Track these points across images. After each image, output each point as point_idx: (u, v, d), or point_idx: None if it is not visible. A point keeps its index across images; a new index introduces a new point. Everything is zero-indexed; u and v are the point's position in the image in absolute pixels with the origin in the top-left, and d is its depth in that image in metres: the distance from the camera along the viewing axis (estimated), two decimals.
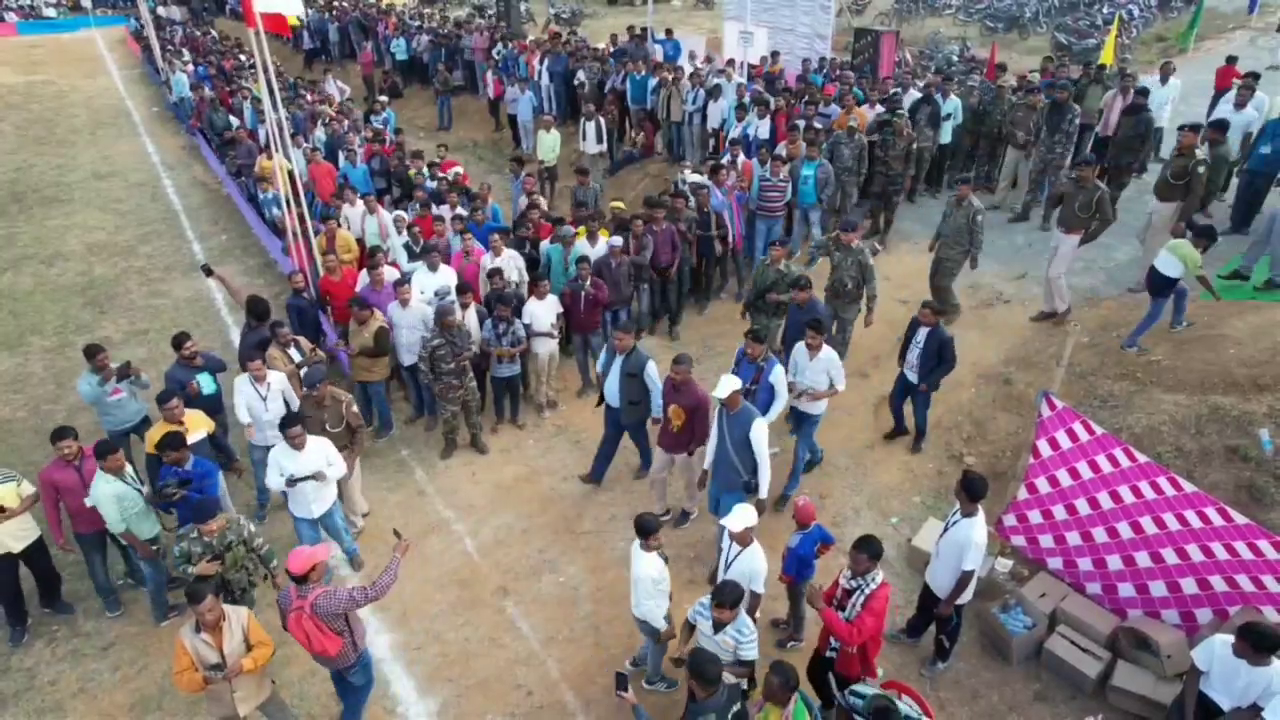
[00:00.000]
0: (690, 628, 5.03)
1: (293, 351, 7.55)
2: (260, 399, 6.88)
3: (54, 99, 23.99)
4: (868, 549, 4.81)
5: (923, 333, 7.15)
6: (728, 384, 5.83)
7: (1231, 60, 12.32)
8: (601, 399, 7.32)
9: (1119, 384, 7.38)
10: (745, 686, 4.83)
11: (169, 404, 6.49)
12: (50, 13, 37.21)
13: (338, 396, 6.78)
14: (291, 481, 6.03)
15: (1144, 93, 10.49)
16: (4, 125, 20.91)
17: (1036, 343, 8.34)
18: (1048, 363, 7.85)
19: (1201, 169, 8.20)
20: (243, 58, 22.43)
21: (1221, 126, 8.94)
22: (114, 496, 5.86)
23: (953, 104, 11.34)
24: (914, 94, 11.64)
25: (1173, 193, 8.39)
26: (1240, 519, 5.06)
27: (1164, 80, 11.25)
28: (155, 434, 6.48)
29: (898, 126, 10.19)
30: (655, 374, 6.90)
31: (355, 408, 6.91)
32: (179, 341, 7.32)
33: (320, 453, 6.19)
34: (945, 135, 11.47)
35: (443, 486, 7.84)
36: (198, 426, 6.70)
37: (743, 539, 5.18)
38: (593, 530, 7.24)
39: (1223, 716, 4.54)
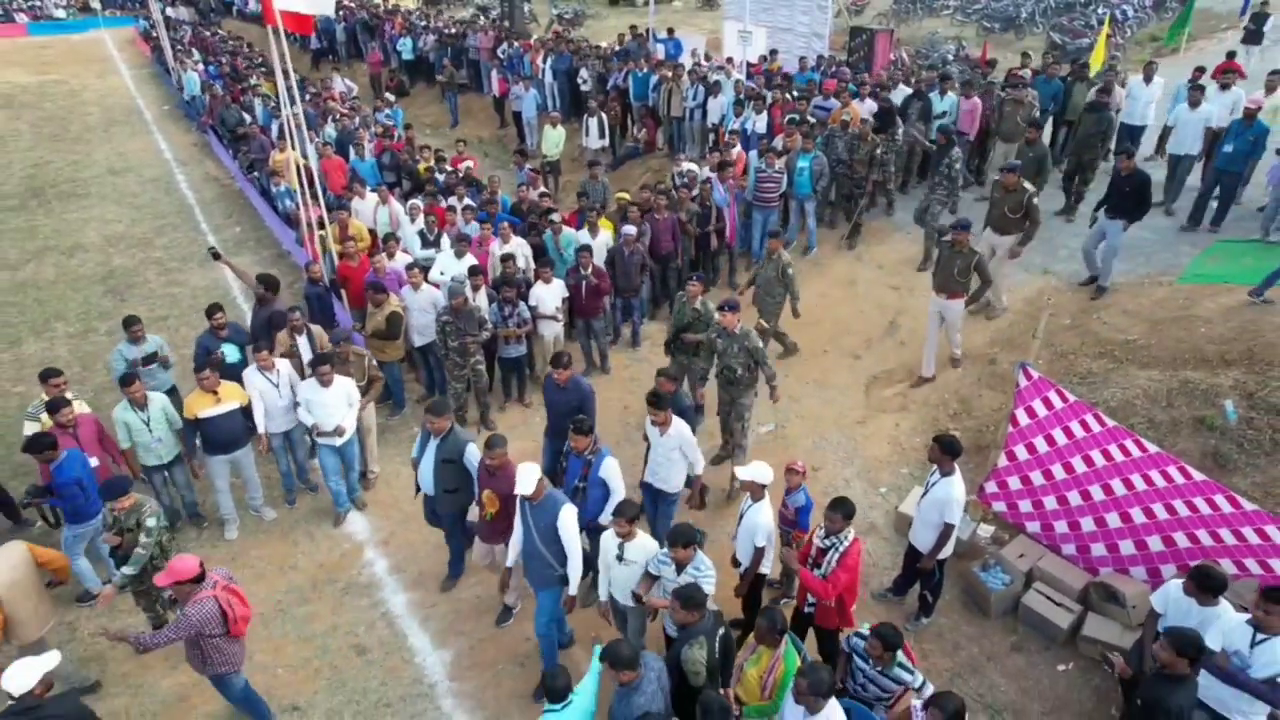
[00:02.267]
0: (652, 578, 5.30)
1: (302, 339, 7.87)
2: (273, 386, 7.27)
3: (66, 98, 24.43)
4: (841, 509, 5.23)
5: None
6: (529, 475, 5.23)
7: (1231, 55, 12.59)
8: (419, 488, 6.53)
9: (1097, 362, 7.77)
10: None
11: (202, 374, 6.94)
12: (59, 14, 37.73)
13: (359, 352, 7.43)
14: (320, 433, 6.92)
15: (1107, 90, 10.78)
16: (20, 124, 21.36)
17: (1021, 325, 8.71)
18: (1027, 338, 8.23)
19: (1036, 200, 8.56)
20: (252, 56, 22.94)
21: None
22: (124, 422, 6.78)
23: (949, 101, 11.66)
24: (905, 90, 12.04)
25: (1012, 226, 8.65)
26: (1198, 475, 5.45)
27: (1147, 80, 11.39)
28: (193, 402, 6.96)
29: (862, 131, 10.58)
30: (475, 458, 6.12)
31: (374, 361, 7.42)
32: (211, 311, 7.92)
33: (343, 390, 7.00)
34: (933, 131, 11.81)
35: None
36: (231, 397, 7.10)
37: (755, 493, 5.59)
38: None
39: None
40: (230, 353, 7.87)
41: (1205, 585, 4.67)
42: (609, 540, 5.39)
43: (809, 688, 4.07)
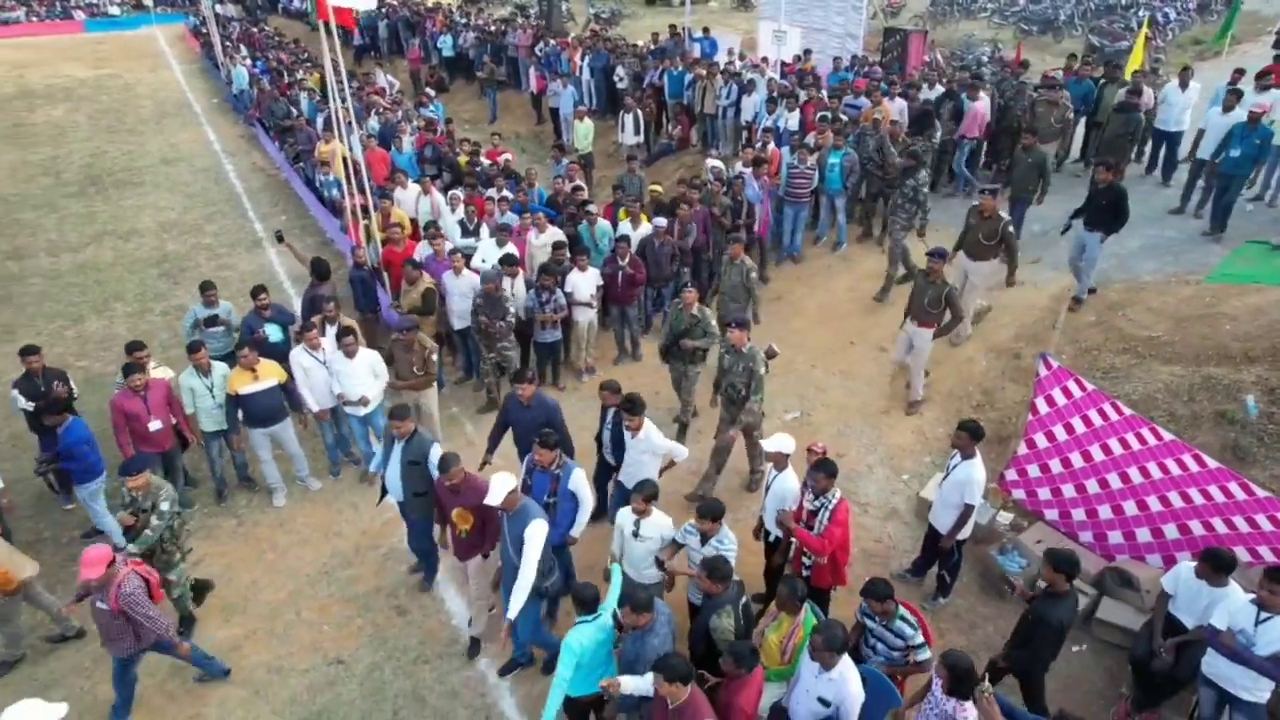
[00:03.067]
0: (678, 546, 5.59)
1: (329, 330, 8.05)
2: (319, 364, 7.65)
3: (121, 91, 25.33)
4: (825, 469, 5.51)
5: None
6: (501, 486, 5.17)
7: (1278, 59, 12.48)
8: (384, 493, 6.49)
9: (1120, 357, 7.89)
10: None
11: (243, 353, 7.37)
12: (114, 10, 38.98)
13: (423, 342, 7.71)
14: (346, 402, 7.42)
15: (1136, 91, 10.79)
16: (78, 115, 22.22)
17: (1046, 321, 8.83)
18: (1058, 340, 8.38)
19: (1011, 228, 8.54)
20: (297, 52, 23.60)
21: None
22: (189, 387, 7.26)
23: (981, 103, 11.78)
24: (939, 89, 12.17)
25: (987, 253, 8.55)
26: (1212, 463, 5.60)
27: (1183, 85, 11.11)
28: (234, 379, 7.37)
29: (893, 131, 10.72)
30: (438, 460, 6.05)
31: (435, 355, 7.82)
32: (256, 292, 8.34)
33: (367, 362, 7.42)
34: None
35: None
36: (269, 374, 7.49)
37: (779, 462, 5.84)
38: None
39: (1186, 633, 5.08)
40: (273, 333, 8.24)
41: (1218, 566, 4.83)
42: (625, 516, 5.65)
43: (824, 643, 4.32)
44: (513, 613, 5.18)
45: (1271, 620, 4.53)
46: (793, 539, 5.72)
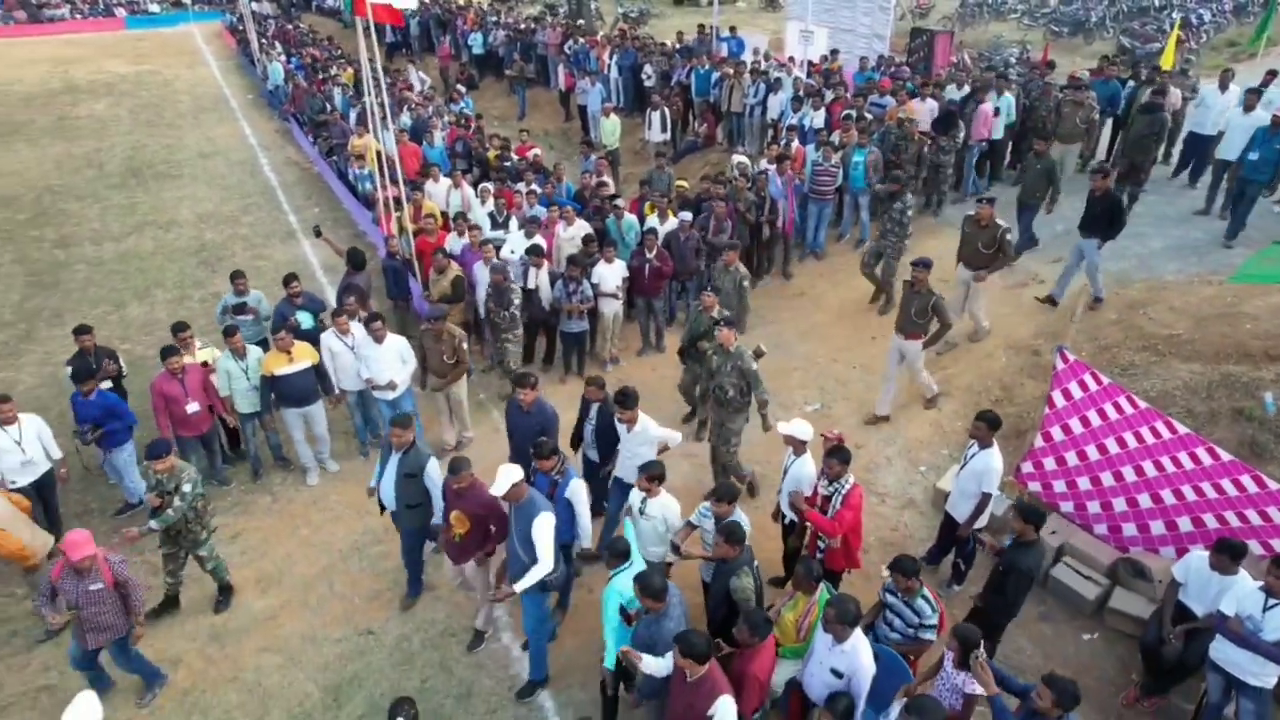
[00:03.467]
0: (692, 527, 5.78)
1: (355, 324, 8.19)
2: (347, 348, 7.93)
3: (160, 87, 25.93)
4: (838, 456, 5.67)
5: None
6: (507, 477, 5.28)
7: None
8: (383, 506, 6.50)
9: (1140, 355, 7.95)
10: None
11: (279, 335, 7.67)
12: (154, 8, 39.83)
13: (453, 332, 7.90)
14: (374, 386, 7.65)
15: (1161, 92, 10.77)
16: (120, 110, 22.82)
17: (1067, 318, 8.89)
18: (1075, 334, 8.45)
19: (1010, 236, 8.55)
20: (330, 49, 24.06)
21: None
22: (226, 370, 7.58)
23: (1005, 101, 11.83)
24: (965, 90, 12.24)
25: (985, 261, 8.59)
26: (1225, 455, 5.67)
27: (1223, 88, 10.94)
28: (269, 361, 7.66)
29: (909, 130, 10.81)
30: (436, 474, 6.17)
31: (465, 344, 8.00)
32: (288, 280, 8.67)
33: (395, 348, 7.64)
34: (996, 131, 11.98)
35: None
36: (303, 356, 7.78)
37: (798, 448, 6.02)
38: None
39: (1195, 621, 5.19)
40: (304, 319, 8.50)
41: (1234, 555, 4.95)
42: (634, 497, 5.85)
43: (837, 616, 4.49)
44: (520, 587, 5.34)
45: (1279, 606, 4.62)
46: (807, 522, 5.88)
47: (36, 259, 13.36)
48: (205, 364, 7.83)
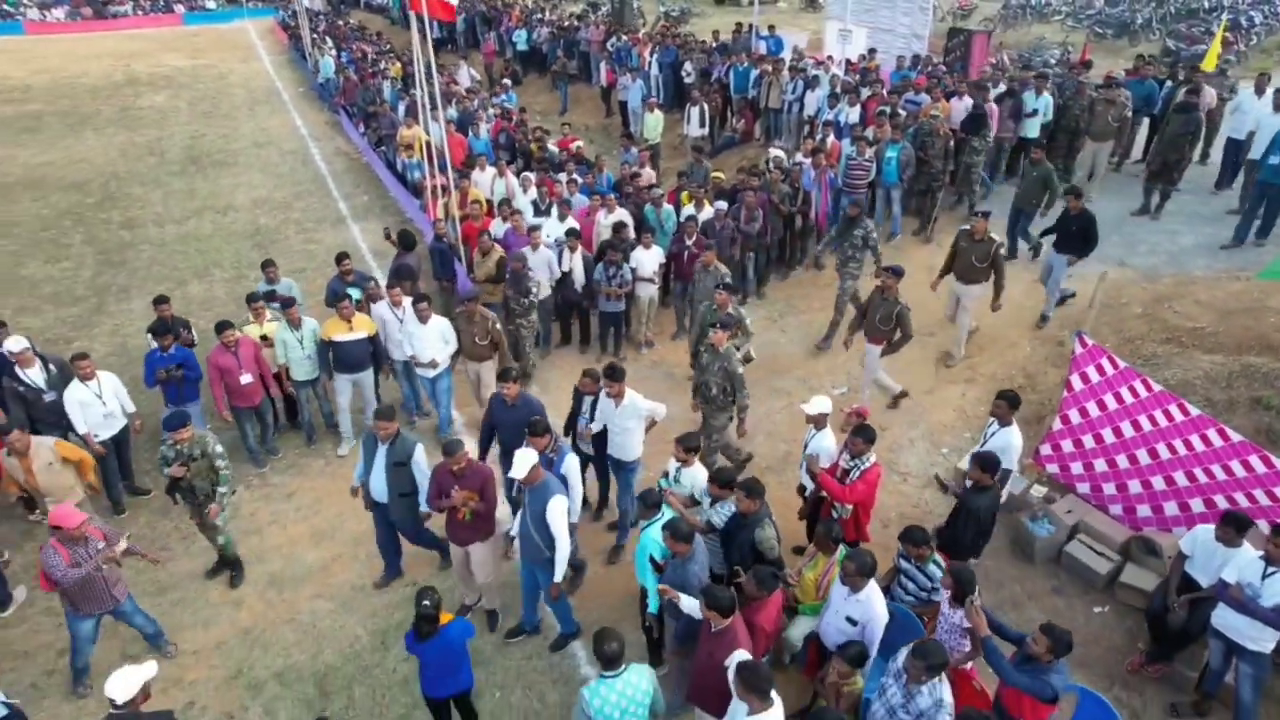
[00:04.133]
0: (695, 504, 6.05)
1: (378, 305, 8.66)
2: (397, 320, 8.43)
3: (216, 80, 26.93)
4: (863, 435, 5.95)
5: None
6: (524, 461, 5.48)
7: None
8: (370, 502, 6.57)
9: (1163, 346, 8.15)
10: None
11: (342, 305, 8.16)
12: (210, 4, 41.19)
13: (485, 314, 8.31)
14: (417, 364, 8.13)
15: (1195, 91, 10.81)
16: (179, 102, 23.80)
17: (1104, 315, 9.09)
18: (1097, 325, 8.65)
19: (1003, 250, 8.62)
20: (379, 44, 24.81)
21: None
22: (282, 340, 8.10)
23: (1043, 101, 11.94)
24: (1001, 88, 12.42)
25: (979, 275, 8.60)
26: (1236, 436, 5.89)
27: (1259, 92, 10.82)
28: (329, 327, 8.19)
29: (935, 127, 11.02)
30: (424, 460, 6.32)
31: (498, 325, 8.42)
32: (340, 259, 9.20)
33: (438, 328, 8.10)
34: (1031, 130, 12.11)
35: (551, 402, 9.23)
36: (361, 327, 8.28)
37: (819, 423, 6.36)
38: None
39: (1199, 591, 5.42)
40: (355, 294, 8.96)
41: (1240, 528, 5.18)
42: (671, 465, 6.20)
43: (856, 569, 4.83)
44: (559, 576, 5.69)
45: (1278, 574, 4.85)
46: (821, 490, 6.19)
47: (105, 239, 14.16)
48: (264, 337, 8.36)
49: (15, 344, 7.36)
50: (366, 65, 21.68)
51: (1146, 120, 12.38)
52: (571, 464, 6.17)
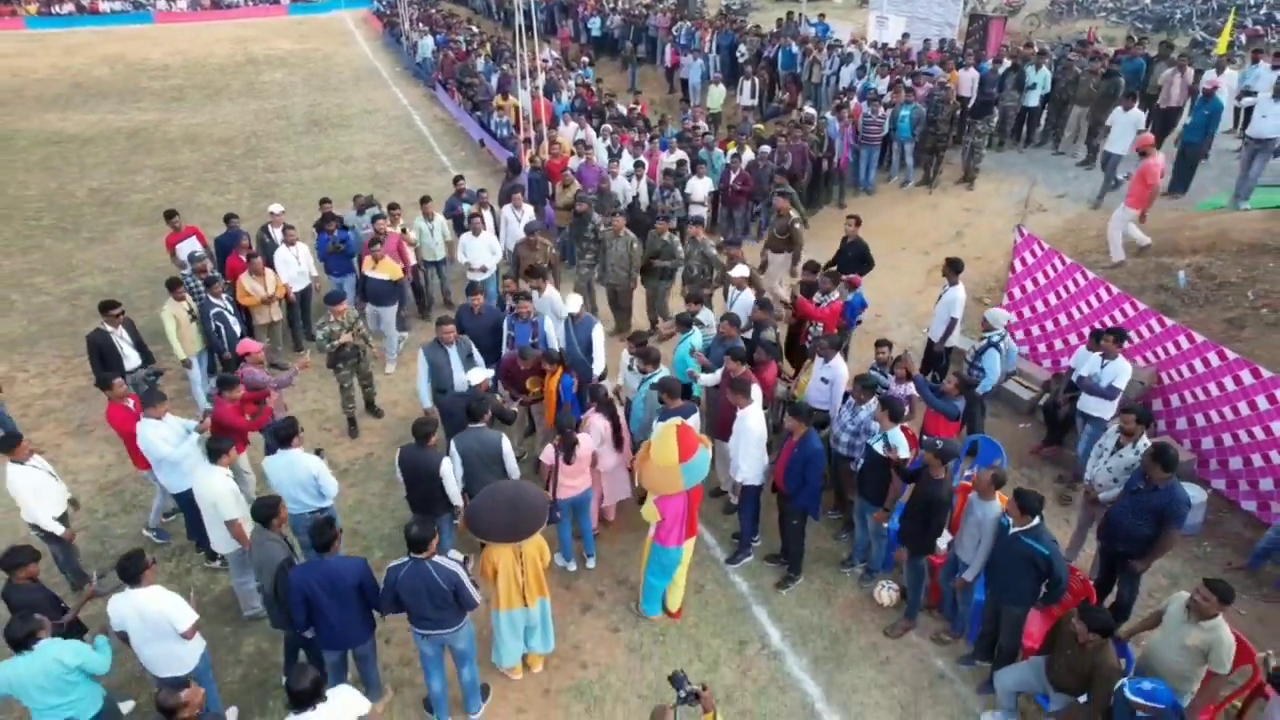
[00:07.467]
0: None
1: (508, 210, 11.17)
2: (517, 220, 10.84)
3: (322, 61, 30.32)
4: (831, 279, 8.33)
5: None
6: (574, 301, 7.83)
7: None
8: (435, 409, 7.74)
9: (1104, 255, 10.27)
10: None
11: (376, 248, 10.47)
12: None
13: (545, 242, 10.32)
14: (470, 269, 10.46)
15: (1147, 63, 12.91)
16: (294, 78, 27.19)
17: (1060, 236, 11.24)
18: (1060, 244, 10.80)
19: (799, 225, 10.41)
20: (467, 28, 27.86)
21: None
22: (418, 228, 10.81)
23: (1042, 75, 14.03)
24: (1007, 64, 14.56)
25: (782, 246, 10.45)
26: (1142, 305, 8.01)
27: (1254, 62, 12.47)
28: (367, 264, 10.61)
29: (945, 96, 13.20)
30: (479, 356, 7.78)
31: (554, 250, 10.57)
32: (456, 180, 11.90)
33: (487, 241, 10.42)
34: (1032, 100, 14.21)
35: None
36: (385, 270, 9.83)
37: (740, 285, 8.80)
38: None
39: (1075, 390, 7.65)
40: (466, 208, 11.53)
41: (1118, 339, 7.28)
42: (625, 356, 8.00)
43: (827, 345, 7.24)
44: (598, 367, 7.92)
45: (1108, 365, 7.11)
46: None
47: (255, 179, 17.29)
48: (404, 230, 11.04)
49: (276, 207, 10.79)
50: (461, 45, 24.67)
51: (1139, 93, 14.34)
52: (598, 332, 7.98)
